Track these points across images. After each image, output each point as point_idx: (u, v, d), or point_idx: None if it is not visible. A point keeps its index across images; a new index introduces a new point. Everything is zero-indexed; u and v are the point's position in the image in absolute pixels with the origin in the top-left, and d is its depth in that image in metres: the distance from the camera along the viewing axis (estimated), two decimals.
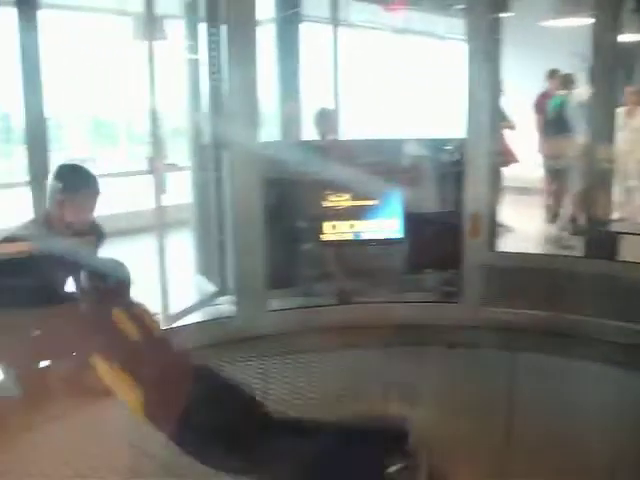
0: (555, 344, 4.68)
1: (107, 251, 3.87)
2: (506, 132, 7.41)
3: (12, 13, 3.94)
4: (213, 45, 5.51)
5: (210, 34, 5.51)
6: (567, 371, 4.59)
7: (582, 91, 7.24)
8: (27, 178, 4.10)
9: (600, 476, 4.16)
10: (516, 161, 8.01)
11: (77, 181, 3.73)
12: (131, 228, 7.77)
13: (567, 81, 7.95)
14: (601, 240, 5.56)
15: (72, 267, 3.58)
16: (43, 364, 3.70)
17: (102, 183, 3.94)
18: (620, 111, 7.04)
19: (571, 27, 7.79)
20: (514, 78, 7.54)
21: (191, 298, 5.09)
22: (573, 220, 7.72)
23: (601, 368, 4.55)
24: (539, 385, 4.47)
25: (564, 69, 8.31)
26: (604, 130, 5.60)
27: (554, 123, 7.99)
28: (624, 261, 5.59)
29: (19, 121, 4.11)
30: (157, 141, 5.01)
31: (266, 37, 7.02)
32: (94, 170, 3.96)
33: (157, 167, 5.01)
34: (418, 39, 11.92)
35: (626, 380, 4.49)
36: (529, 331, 5.00)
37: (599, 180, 5.66)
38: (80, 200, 3.73)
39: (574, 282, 5.18)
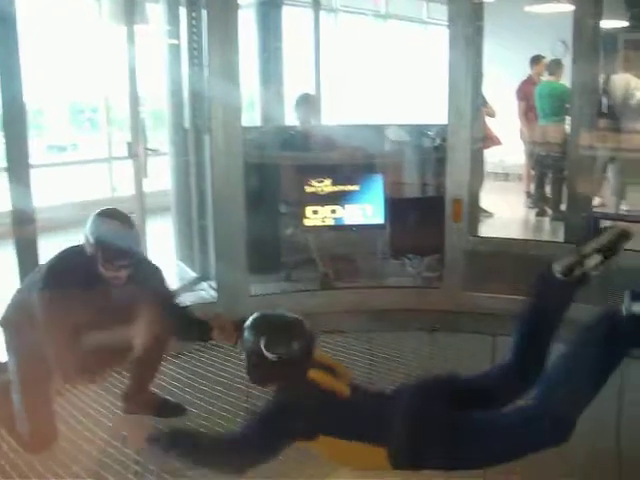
0: None
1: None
2: (488, 118, 7.40)
3: None
4: (194, 30, 5.47)
5: (191, 18, 5.47)
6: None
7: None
8: (4, 164, 4.05)
9: None
10: (499, 144, 8.01)
11: (112, 251, 3.29)
12: None
13: (553, 67, 7.94)
14: (581, 226, 5.60)
15: None
16: None
17: (87, 169, 3.76)
18: None
19: (554, 13, 7.78)
20: (497, 64, 7.56)
21: (172, 284, 5.06)
22: (554, 206, 7.74)
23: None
24: None
25: (548, 55, 8.31)
26: (585, 116, 5.63)
27: (539, 109, 8.01)
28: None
29: None
30: (137, 126, 4.97)
31: (247, 21, 6.97)
32: (76, 155, 3.82)
33: (137, 152, 4.97)
34: (400, 24, 11.88)
35: None
36: (509, 315, 5.02)
37: (580, 166, 5.70)
38: (115, 268, 3.32)
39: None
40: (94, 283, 3.31)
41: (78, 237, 3.49)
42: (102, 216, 3.39)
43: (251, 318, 2.90)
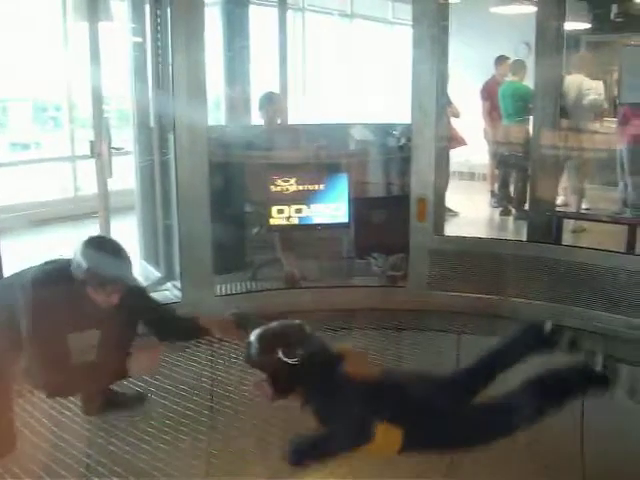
0: (498, 327, 4.74)
1: (51, 237, 3.78)
2: (453, 118, 7.45)
3: None
4: (158, 27, 5.44)
5: (155, 16, 5.43)
6: None
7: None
8: None
9: None
10: (464, 144, 8.08)
11: (105, 278, 3.28)
12: (76, 213, 7.64)
13: (516, 68, 8.02)
14: (544, 225, 5.67)
15: None
16: None
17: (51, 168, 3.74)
18: None
19: (518, 14, 7.85)
20: (462, 64, 7.61)
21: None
22: (518, 205, 7.82)
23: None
24: None
25: (512, 56, 8.39)
26: (548, 117, 5.69)
27: (502, 110, 8.08)
28: (567, 245, 5.71)
29: None
30: (100, 125, 4.93)
31: (213, 20, 6.94)
32: (40, 153, 3.78)
33: (101, 151, 4.93)
34: (366, 24, 11.91)
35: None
36: (474, 314, 5.07)
37: (542, 166, 5.76)
38: (107, 294, 3.30)
39: (517, 266, 5.27)
40: (80, 302, 3.29)
41: (42, 236, 3.48)
42: (94, 244, 3.40)
43: (256, 339, 2.91)
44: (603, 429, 4.17)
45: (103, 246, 3.43)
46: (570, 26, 7.09)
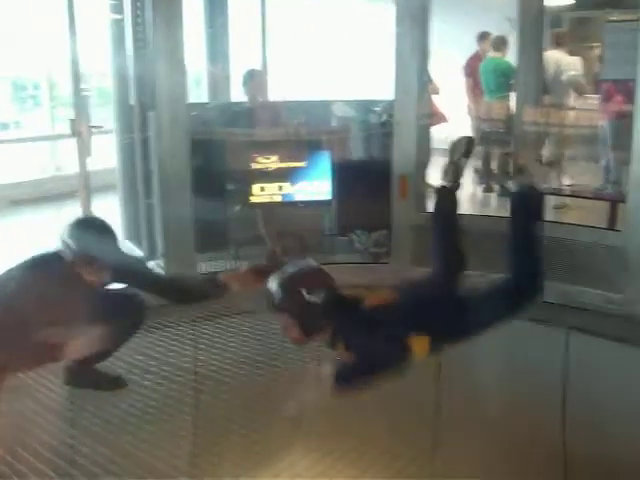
0: None
1: (32, 217, 3.76)
2: (433, 95, 7.43)
3: None
4: (138, 4, 5.37)
5: None
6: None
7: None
8: None
9: None
10: (445, 121, 8.06)
11: (89, 256, 3.35)
12: (56, 193, 7.59)
13: (497, 44, 7.99)
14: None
15: None
16: None
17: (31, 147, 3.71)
18: None
19: None
20: (444, 41, 7.58)
21: None
22: (500, 182, 7.84)
23: (525, 326, 4.67)
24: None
25: (495, 32, 8.36)
26: (530, 93, 5.70)
27: (484, 85, 8.07)
28: (549, 221, 5.73)
29: None
30: (80, 103, 4.88)
31: None
32: (19, 133, 3.76)
33: (81, 130, 4.88)
34: (347, 1, 11.85)
35: (549, 336, 4.63)
36: None
37: (526, 142, 5.77)
38: (96, 268, 3.38)
39: (500, 242, 5.27)
40: (72, 286, 3.31)
41: (22, 216, 3.47)
42: (80, 224, 3.49)
43: (278, 284, 3.04)
44: (585, 420, 4.22)
45: (89, 225, 3.53)
46: (552, 2, 7.09)
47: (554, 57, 7.27)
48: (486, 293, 3.39)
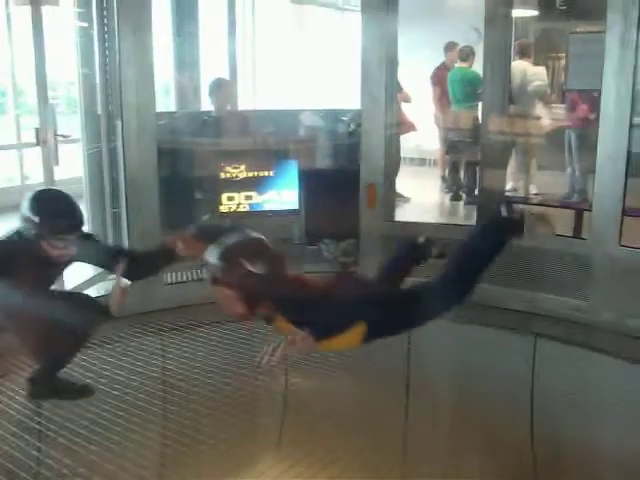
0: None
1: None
2: (403, 103, 7.47)
3: None
4: (105, 12, 5.34)
5: (101, 0, 5.34)
6: (461, 336, 4.72)
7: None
8: None
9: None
10: (414, 130, 8.12)
11: (55, 225, 3.26)
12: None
13: (464, 53, 8.07)
14: (494, 210, 5.72)
15: None
16: None
17: None
18: None
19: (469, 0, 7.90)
20: (413, 50, 7.63)
21: (86, 273, 4.96)
22: (467, 190, 7.90)
23: (492, 332, 4.72)
24: (433, 350, 4.57)
25: (462, 42, 8.43)
26: (497, 103, 5.75)
27: (451, 95, 8.14)
28: None
29: None
30: (46, 112, 4.83)
31: (161, 4, 6.86)
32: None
33: (47, 138, 4.84)
34: (317, 10, 11.89)
35: (516, 343, 4.67)
36: None
37: (492, 151, 5.82)
38: (63, 243, 3.28)
39: None
40: (36, 264, 3.26)
41: None
42: (40, 196, 3.35)
43: (219, 255, 2.95)
44: (551, 423, 4.27)
45: (50, 196, 3.42)
46: (518, 13, 7.17)
47: (520, 67, 7.36)
48: (420, 291, 3.33)
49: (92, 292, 4.89)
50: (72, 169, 6.01)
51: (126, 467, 3.07)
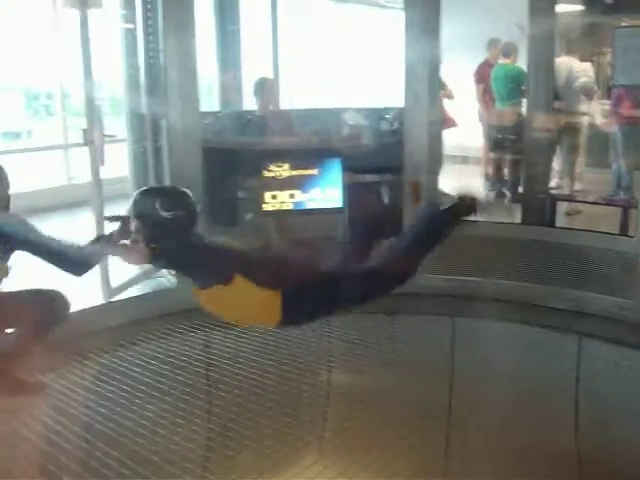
0: (491, 309, 4.77)
1: (44, 226, 3.80)
2: (446, 100, 7.44)
3: None
4: (149, 14, 5.41)
5: (146, 2, 5.41)
6: (502, 335, 4.69)
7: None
8: None
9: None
10: (455, 125, 8.08)
11: None
12: (69, 201, 7.64)
13: (507, 50, 8.01)
14: (538, 207, 5.68)
15: None
16: None
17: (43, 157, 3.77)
18: None
19: None
20: (454, 46, 7.59)
21: (132, 271, 5.03)
22: (511, 188, 7.84)
23: (537, 332, 4.67)
24: (476, 348, 4.55)
25: (505, 38, 8.37)
26: (541, 99, 5.70)
27: (495, 92, 8.08)
28: (561, 227, 5.73)
29: None
30: (93, 112, 4.91)
31: (204, 5, 6.92)
32: (31, 142, 3.82)
33: (93, 139, 4.91)
34: (359, 8, 11.90)
35: (560, 343, 4.62)
36: (467, 297, 5.09)
37: (537, 149, 5.77)
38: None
39: (511, 248, 5.28)
40: None
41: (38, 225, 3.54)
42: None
43: (140, 191, 3.29)
44: (597, 425, 4.21)
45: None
46: (563, 8, 7.09)
47: (566, 63, 7.28)
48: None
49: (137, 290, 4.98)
50: (117, 169, 6.10)
51: (171, 460, 3.11)
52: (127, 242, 3.14)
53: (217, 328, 4.44)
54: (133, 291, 4.98)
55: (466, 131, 8.55)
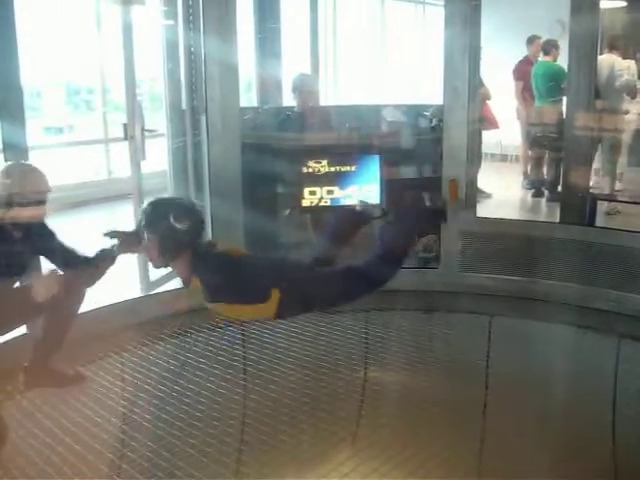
0: (530, 309, 4.74)
1: (85, 219, 3.86)
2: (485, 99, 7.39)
3: None
4: (190, 10, 5.45)
5: None
6: (542, 335, 4.65)
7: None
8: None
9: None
10: (497, 127, 8.02)
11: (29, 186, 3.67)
12: (109, 195, 7.73)
13: (547, 47, 7.92)
14: (577, 206, 5.61)
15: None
16: None
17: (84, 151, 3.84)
18: None
19: None
20: (495, 44, 7.53)
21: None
22: (550, 187, 7.76)
23: (577, 333, 4.63)
24: (514, 348, 4.52)
25: (546, 35, 8.27)
26: (582, 97, 5.62)
27: (534, 89, 8.00)
28: (600, 227, 5.65)
29: None
30: (133, 107, 4.95)
31: (244, 1, 6.94)
32: (73, 137, 3.88)
33: (134, 133, 4.96)
34: (398, 4, 11.86)
35: (600, 344, 4.58)
36: (505, 296, 5.06)
37: (577, 147, 5.69)
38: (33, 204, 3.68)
39: (550, 248, 5.23)
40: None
41: (76, 218, 3.57)
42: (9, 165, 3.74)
43: (150, 204, 3.32)
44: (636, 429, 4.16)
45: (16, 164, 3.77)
46: (606, 4, 6.99)
47: (608, 61, 7.17)
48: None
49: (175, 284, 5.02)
50: (157, 163, 6.15)
51: (207, 452, 3.13)
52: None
53: (254, 323, 4.46)
54: (171, 284, 5.02)
55: (505, 129, 8.48)
